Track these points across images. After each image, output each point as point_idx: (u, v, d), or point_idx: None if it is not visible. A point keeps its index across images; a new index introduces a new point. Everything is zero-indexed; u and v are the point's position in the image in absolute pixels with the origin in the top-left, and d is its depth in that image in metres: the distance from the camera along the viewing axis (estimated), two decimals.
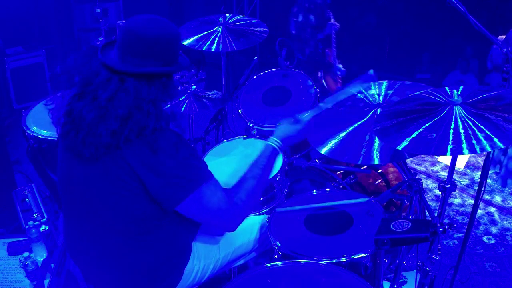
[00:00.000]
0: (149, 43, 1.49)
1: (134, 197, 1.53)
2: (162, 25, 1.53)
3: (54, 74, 1.79)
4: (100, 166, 1.53)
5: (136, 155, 1.49)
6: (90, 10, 5.89)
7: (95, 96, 1.50)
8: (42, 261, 2.01)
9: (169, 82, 1.57)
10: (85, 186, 1.59)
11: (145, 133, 1.48)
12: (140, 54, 1.50)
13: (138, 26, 1.51)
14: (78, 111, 1.52)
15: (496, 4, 4.97)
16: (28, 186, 2.44)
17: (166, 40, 1.52)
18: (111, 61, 1.52)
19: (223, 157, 2.60)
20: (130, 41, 1.50)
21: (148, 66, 1.50)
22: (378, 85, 2.13)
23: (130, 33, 1.50)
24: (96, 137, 1.48)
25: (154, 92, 1.51)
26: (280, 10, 5.34)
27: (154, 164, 1.49)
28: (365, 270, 1.82)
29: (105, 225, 1.60)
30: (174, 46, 1.56)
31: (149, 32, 1.49)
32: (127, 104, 1.47)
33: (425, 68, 5.85)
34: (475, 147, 1.38)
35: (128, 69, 1.50)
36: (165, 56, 1.54)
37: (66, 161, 1.65)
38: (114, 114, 1.47)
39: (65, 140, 1.58)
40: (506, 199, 3.61)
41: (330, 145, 1.89)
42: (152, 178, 1.49)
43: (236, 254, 1.99)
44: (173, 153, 1.50)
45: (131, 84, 1.49)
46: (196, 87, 2.92)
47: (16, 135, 4.30)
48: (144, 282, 1.66)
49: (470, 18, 1.93)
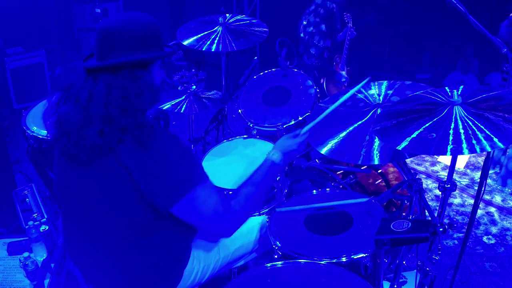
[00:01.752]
0: (116, 35, 1.50)
1: (130, 199, 1.52)
2: (131, 17, 1.53)
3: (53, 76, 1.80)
4: (96, 168, 1.52)
5: (130, 155, 1.48)
6: (90, 10, 5.89)
7: (78, 98, 1.51)
8: (42, 261, 2.01)
9: (144, 73, 1.54)
10: (81, 189, 1.59)
11: (131, 129, 1.47)
12: (111, 47, 1.50)
13: (108, 22, 1.53)
14: (64, 115, 1.53)
15: (496, 4, 4.97)
16: (28, 186, 2.44)
17: (134, 29, 1.51)
18: (89, 63, 1.55)
19: (223, 157, 2.60)
20: (101, 38, 1.52)
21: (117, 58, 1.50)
22: (378, 85, 2.13)
23: (100, 31, 1.53)
24: (87, 139, 1.48)
25: (125, 85, 1.50)
26: (280, 10, 5.34)
27: (147, 164, 1.48)
28: (365, 270, 1.82)
29: (103, 227, 1.60)
30: (144, 35, 1.53)
31: (117, 24, 1.51)
32: (104, 101, 1.47)
33: (425, 68, 5.84)
34: (475, 147, 1.38)
35: (97, 64, 1.51)
36: (136, 46, 1.51)
37: (62, 165, 1.65)
38: (96, 113, 1.47)
39: (58, 145, 1.59)
40: (506, 199, 3.61)
41: (330, 145, 1.89)
42: (145, 179, 1.48)
43: (236, 255, 1.99)
44: (166, 153, 1.49)
45: (102, 80, 1.50)
46: (196, 87, 2.92)
47: (16, 135, 4.31)
48: (144, 283, 1.66)
49: (470, 18, 1.93)
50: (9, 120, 4.68)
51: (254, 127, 2.81)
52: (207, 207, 1.55)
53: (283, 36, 3.09)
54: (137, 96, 1.51)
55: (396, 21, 5.65)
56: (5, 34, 4.91)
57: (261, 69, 3.18)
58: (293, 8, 4.67)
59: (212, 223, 1.58)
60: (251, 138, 2.72)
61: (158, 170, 1.48)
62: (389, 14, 5.66)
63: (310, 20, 4.18)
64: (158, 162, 1.48)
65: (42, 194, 2.51)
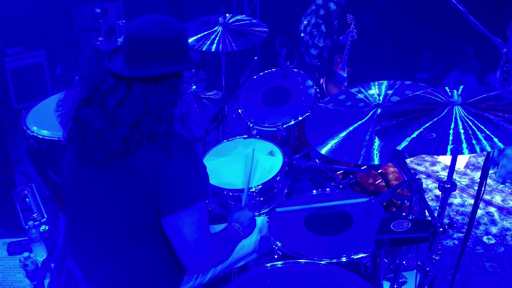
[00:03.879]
0: (152, 45, 1.47)
1: (140, 202, 1.52)
2: (164, 24, 1.50)
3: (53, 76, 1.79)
4: (110, 170, 1.52)
5: (147, 159, 1.47)
6: (90, 10, 5.89)
7: (103, 103, 1.48)
8: (42, 261, 2.01)
9: (178, 82, 1.54)
10: (91, 188, 1.59)
11: (157, 137, 1.47)
12: (145, 57, 1.48)
13: (140, 28, 1.48)
14: (85, 118, 1.51)
15: (496, 4, 4.97)
16: (28, 186, 2.44)
17: (171, 39, 1.49)
18: (117, 67, 1.51)
19: (223, 157, 2.60)
20: (133, 45, 1.48)
21: (154, 69, 1.48)
22: (378, 85, 2.13)
23: (132, 37, 1.48)
24: (107, 144, 1.46)
25: (162, 95, 1.49)
26: (280, 10, 5.33)
27: (161, 168, 1.47)
28: (365, 270, 1.82)
29: (109, 227, 1.60)
30: (179, 44, 1.52)
31: (151, 33, 1.47)
32: (136, 110, 1.45)
33: (425, 68, 5.84)
34: (475, 147, 1.38)
35: (134, 74, 1.48)
36: (171, 55, 1.50)
37: (73, 164, 1.64)
38: (123, 120, 1.45)
39: (72, 144, 1.58)
40: (506, 199, 3.61)
41: (330, 145, 1.89)
42: (155, 181, 1.48)
43: (237, 256, 1.98)
44: (181, 161, 1.49)
45: (138, 89, 1.47)
46: (196, 87, 2.92)
47: (16, 135, 4.30)
48: (146, 284, 1.66)
49: (470, 18, 1.93)
50: (9, 120, 4.67)
51: (254, 127, 2.81)
52: (193, 232, 1.52)
53: (283, 36, 3.09)
54: (174, 105, 1.52)
55: (396, 21, 5.65)
56: (5, 34, 4.91)
57: (261, 69, 3.17)
58: (293, 8, 4.67)
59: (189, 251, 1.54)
60: (251, 138, 2.72)
61: (171, 176, 1.48)
62: (389, 14, 5.66)
63: (310, 20, 4.18)
64: (173, 169, 1.47)
65: (42, 194, 2.51)
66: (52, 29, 5.78)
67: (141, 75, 1.48)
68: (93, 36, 5.75)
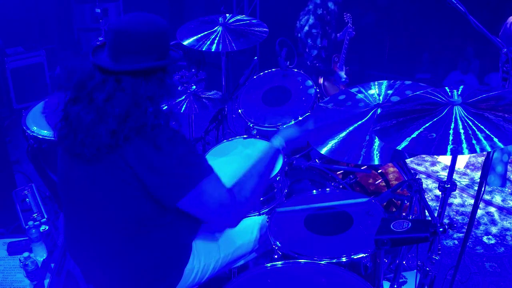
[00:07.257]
0: (141, 39, 1.50)
1: (134, 196, 1.53)
2: (150, 20, 1.54)
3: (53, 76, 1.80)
4: (100, 166, 1.53)
5: (136, 153, 1.48)
6: (90, 10, 5.90)
7: (91, 99, 1.50)
8: (42, 261, 2.01)
9: (166, 76, 1.57)
10: (85, 186, 1.59)
11: (144, 130, 1.48)
12: (132, 51, 1.50)
13: (127, 24, 1.51)
14: (75, 115, 1.52)
15: (496, 4, 4.97)
16: (28, 186, 2.44)
17: (157, 33, 1.53)
18: (104, 62, 1.53)
19: (223, 157, 2.60)
20: (120, 40, 1.51)
21: (142, 62, 1.51)
22: (378, 85, 2.13)
23: (119, 32, 1.51)
24: (96, 138, 1.47)
25: (151, 88, 1.52)
26: (280, 10, 5.33)
27: (152, 162, 1.48)
28: (365, 270, 1.82)
29: (106, 225, 1.60)
30: (165, 39, 1.57)
31: (139, 27, 1.50)
32: (126, 103, 1.47)
33: (425, 68, 5.84)
34: (475, 147, 1.38)
35: (123, 68, 1.50)
36: (158, 50, 1.54)
37: (66, 163, 1.65)
38: (112, 114, 1.47)
39: (63, 143, 1.59)
40: (506, 199, 3.61)
41: (330, 145, 1.89)
42: (150, 176, 1.49)
43: (237, 255, 1.99)
44: (171, 150, 1.50)
45: (128, 82, 1.50)
46: (196, 87, 2.92)
47: (16, 135, 4.31)
48: (144, 281, 1.66)
49: (470, 18, 1.93)
50: (9, 120, 4.68)
51: (254, 127, 2.81)
52: (213, 200, 1.56)
53: (283, 36, 3.09)
54: (161, 97, 1.55)
55: (396, 21, 5.65)
56: (5, 34, 4.91)
57: (261, 69, 3.17)
58: (293, 8, 4.66)
59: (219, 215, 1.60)
60: (251, 138, 2.72)
61: (164, 167, 1.49)
62: (389, 14, 5.66)
63: (307, 20, 4.16)
64: (164, 160, 1.49)
65: (42, 194, 2.51)
66: (52, 29, 5.79)
67: (131, 68, 1.50)
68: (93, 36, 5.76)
